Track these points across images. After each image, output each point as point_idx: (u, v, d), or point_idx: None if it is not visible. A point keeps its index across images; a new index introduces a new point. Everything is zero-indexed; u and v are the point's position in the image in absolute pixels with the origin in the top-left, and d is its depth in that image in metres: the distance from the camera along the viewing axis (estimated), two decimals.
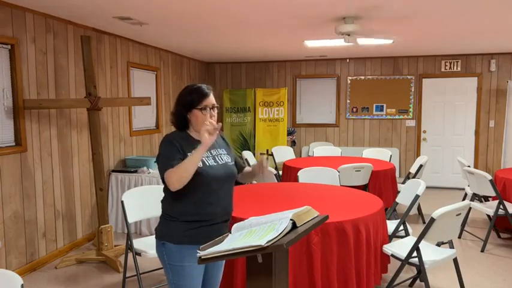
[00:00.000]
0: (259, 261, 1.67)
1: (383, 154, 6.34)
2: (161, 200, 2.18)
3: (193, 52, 7.16)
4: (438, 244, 3.34)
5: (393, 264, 3.19)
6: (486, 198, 5.09)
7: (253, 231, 1.72)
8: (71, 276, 4.00)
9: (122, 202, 3.36)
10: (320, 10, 4.11)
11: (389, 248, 3.09)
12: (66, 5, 3.92)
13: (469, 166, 5.11)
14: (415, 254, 2.95)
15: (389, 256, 3.11)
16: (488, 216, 4.96)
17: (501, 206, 4.49)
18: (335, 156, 6.48)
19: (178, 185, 1.95)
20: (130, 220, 3.34)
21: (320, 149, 6.79)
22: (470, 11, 4.17)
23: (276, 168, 6.11)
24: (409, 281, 3.65)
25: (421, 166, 5.63)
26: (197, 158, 1.97)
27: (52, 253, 4.39)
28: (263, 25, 4.84)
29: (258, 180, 5.06)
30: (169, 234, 2.09)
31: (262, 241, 1.54)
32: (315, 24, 4.76)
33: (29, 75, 4.06)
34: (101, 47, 5.17)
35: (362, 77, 8.03)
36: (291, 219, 1.67)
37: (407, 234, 3.58)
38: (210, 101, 2.12)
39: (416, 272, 3.62)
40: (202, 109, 2.10)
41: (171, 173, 1.95)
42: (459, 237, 4.99)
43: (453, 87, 7.70)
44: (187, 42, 6.05)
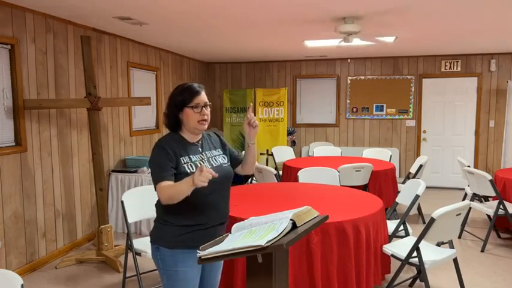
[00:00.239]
0: (259, 261, 1.67)
1: (383, 154, 6.34)
2: (155, 204, 2.14)
3: (193, 52, 7.16)
4: (438, 244, 3.34)
5: (393, 264, 3.19)
6: (486, 198, 5.09)
7: (253, 231, 1.72)
8: (71, 276, 4.00)
9: (122, 202, 3.36)
10: (320, 10, 4.11)
11: (389, 248, 3.09)
12: (66, 5, 3.92)
13: (469, 166, 5.11)
14: (415, 254, 2.95)
15: (389, 256, 3.11)
16: (488, 216, 4.96)
17: (501, 206, 4.49)
18: (335, 156, 6.48)
19: (167, 203, 1.94)
20: (130, 220, 3.34)
21: (320, 149, 6.79)
22: (470, 11, 4.17)
23: (276, 168, 6.11)
24: (409, 281, 3.65)
25: (421, 166, 5.63)
26: (185, 191, 1.87)
27: (52, 253, 4.39)
28: (263, 25, 4.84)
29: (258, 180, 5.07)
30: (163, 238, 2.06)
31: (262, 241, 1.54)
32: (315, 24, 4.76)
33: (29, 75, 4.06)
34: (101, 47, 5.17)
35: (362, 77, 8.03)
36: (291, 219, 1.67)
37: (407, 234, 3.58)
38: (202, 99, 2.07)
39: (416, 272, 3.62)
40: (193, 107, 2.05)
41: (162, 190, 1.92)
42: (459, 237, 4.99)
43: (453, 87, 7.70)
44: (187, 42, 6.05)
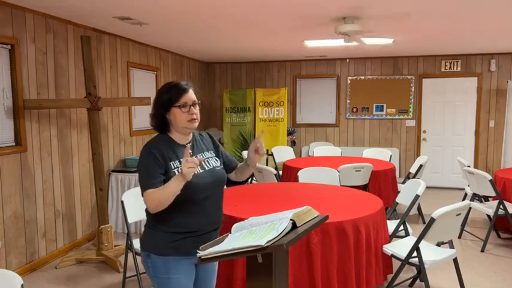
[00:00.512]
0: (259, 261, 1.67)
1: (383, 154, 6.34)
2: (145, 209, 2.03)
3: (193, 52, 7.16)
4: (438, 244, 3.34)
5: (393, 264, 3.19)
6: (486, 198, 5.08)
7: (253, 231, 1.72)
8: (71, 276, 4.00)
9: (122, 202, 3.36)
10: (320, 10, 4.11)
11: (389, 248, 3.09)
12: (66, 5, 3.92)
13: (469, 166, 5.11)
14: (415, 254, 2.95)
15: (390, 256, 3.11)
16: (488, 216, 4.96)
17: (501, 206, 4.49)
18: (335, 156, 6.48)
19: (156, 210, 1.86)
20: (130, 220, 3.34)
21: (320, 149, 6.79)
22: (470, 11, 4.17)
23: (276, 168, 6.11)
24: (409, 281, 3.65)
25: (421, 166, 5.63)
26: (175, 190, 1.82)
27: (52, 253, 4.39)
28: (263, 25, 4.84)
29: (259, 180, 5.06)
30: (153, 245, 1.98)
31: (262, 241, 1.54)
32: (315, 24, 4.76)
33: (29, 75, 4.06)
34: (101, 47, 5.17)
35: (362, 77, 8.03)
36: (291, 219, 1.67)
37: (407, 234, 3.58)
38: (190, 97, 1.96)
39: (416, 272, 3.62)
40: (181, 106, 1.94)
41: (150, 198, 1.85)
42: (459, 237, 4.99)
43: (453, 87, 7.70)
44: (187, 42, 6.05)
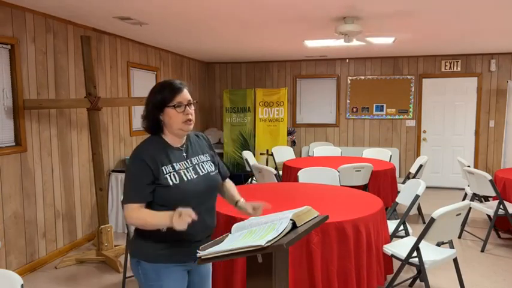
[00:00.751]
0: (259, 261, 1.67)
1: (383, 154, 6.33)
2: None
3: (193, 52, 7.16)
4: (438, 244, 3.34)
5: (393, 264, 3.19)
6: (486, 198, 5.08)
7: (253, 231, 1.72)
8: (71, 276, 3.99)
9: (122, 202, 3.36)
10: (320, 10, 4.11)
11: (389, 248, 3.09)
12: (66, 5, 3.92)
13: (469, 166, 5.11)
14: (415, 254, 2.95)
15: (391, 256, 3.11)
16: (488, 216, 4.96)
17: (501, 206, 4.49)
18: (335, 156, 6.48)
19: (134, 226, 1.83)
20: None
21: (320, 149, 6.79)
22: (470, 11, 4.17)
23: (276, 168, 6.11)
24: (409, 281, 3.65)
25: (421, 166, 5.63)
26: (160, 226, 1.76)
27: (52, 253, 4.38)
28: (263, 25, 4.84)
29: (259, 180, 5.06)
30: (143, 252, 1.88)
31: (262, 241, 1.54)
32: (315, 24, 4.76)
33: (29, 75, 4.06)
34: (101, 47, 5.17)
35: (362, 77, 8.03)
36: (291, 219, 1.67)
37: (407, 234, 3.58)
38: (185, 97, 1.85)
39: (416, 272, 3.62)
40: (176, 106, 1.83)
41: (132, 215, 1.79)
42: (459, 237, 4.99)
43: (453, 87, 7.70)
44: (187, 42, 6.05)
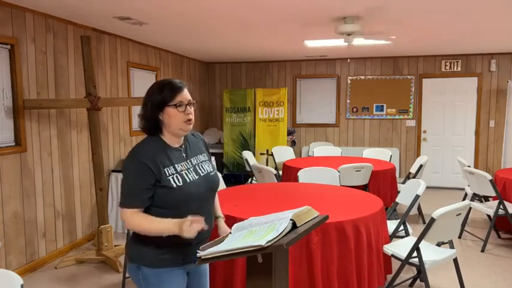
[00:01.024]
0: (259, 261, 1.67)
1: (383, 154, 6.33)
2: None
3: (193, 52, 7.16)
4: (438, 244, 3.33)
5: (393, 264, 3.19)
6: (486, 198, 5.08)
7: (253, 231, 1.71)
8: (71, 276, 3.99)
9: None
10: (320, 10, 4.11)
11: (389, 248, 3.09)
12: (66, 5, 3.91)
13: (469, 166, 5.11)
14: (415, 254, 2.94)
15: (390, 256, 3.11)
16: (488, 216, 4.96)
17: (501, 206, 4.48)
18: (335, 156, 6.47)
19: (131, 230, 1.80)
20: None
21: (320, 149, 6.79)
22: (470, 11, 4.17)
23: (276, 168, 6.11)
24: (409, 281, 3.65)
25: (421, 166, 5.63)
26: (165, 232, 1.72)
27: (52, 253, 4.38)
28: (263, 25, 4.84)
29: (259, 180, 5.06)
30: (144, 257, 1.84)
31: (262, 241, 1.54)
32: (315, 24, 4.76)
33: (29, 75, 4.06)
34: (101, 47, 5.17)
35: (362, 77, 8.03)
36: (291, 219, 1.67)
37: (407, 234, 3.58)
38: (185, 96, 1.82)
39: (416, 272, 3.62)
40: (177, 105, 1.79)
41: (131, 219, 1.75)
42: (459, 237, 4.98)
43: (453, 87, 7.70)
44: (187, 42, 6.05)
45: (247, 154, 6.21)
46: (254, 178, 6.24)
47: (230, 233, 1.85)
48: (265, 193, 3.61)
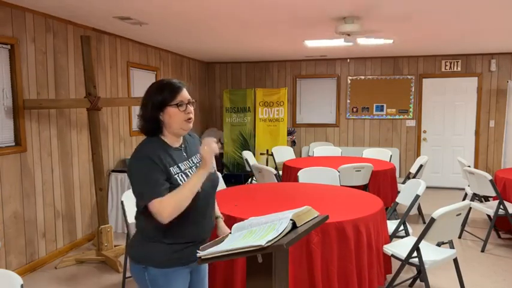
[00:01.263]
0: (259, 261, 1.67)
1: (383, 154, 6.33)
2: (135, 217, 1.90)
3: (193, 52, 7.16)
4: (438, 244, 3.33)
5: (393, 264, 3.19)
6: (486, 198, 5.08)
7: (253, 231, 1.71)
8: (71, 276, 3.99)
9: (122, 202, 3.36)
10: (320, 10, 4.10)
11: (389, 248, 3.09)
12: (66, 5, 3.91)
13: (469, 166, 5.11)
14: (415, 254, 2.94)
15: (389, 256, 3.11)
16: (488, 216, 4.96)
17: (501, 206, 4.48)
18: (335, 156, 6.47)
19: (171, 218, 1.69)
20: (130, 220, 3.34)
21: (320, 149, 6.79)
22: (470, 11, 4.17)
23: (276, 168, 6.11)
24: (410, 281, 3.65)
25: (421, 166, 5.63)
26: (198, 185, 1.73)
27: (52, 253, 4.38)
28: (263, 25, 4.83)
29: (259, 180, 5.06)
30: (151, 257, 1.82)
31: (262, 241, 1.54)
32: (315, 24, 4.76)
33: (29, 75, 4.06)
34: (101, 47, 5.17)
35: (362, 77, 8.03)
36: (291, 219, 1.67)
37: (407, 234, 3.58)
38: (185, 96, 1.84)
39: (416, 272, 3.62)
40: (178, 105, 1.81)
41: (164, 205, 1.68)
42: (459, 237, 4.98)
43: (453, 87, 7.69)
44: (187, 42, 6.05)
45: (247, 154, 6.21)
46: (254, 178, 6.24)
47: (230, 233, 1.85)
48: (265, 193, 3.61)
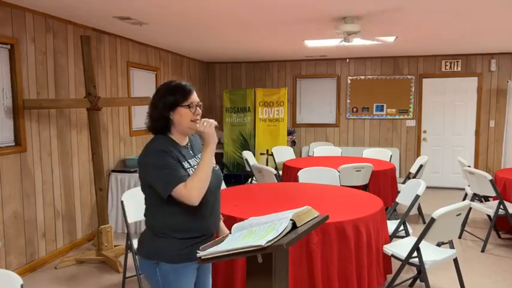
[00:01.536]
0: (259, 261, 1.67)
1: (383, 154, 6.33)
2: (144, 214, 1.97)
3: (193, 52, 7.16)
4: (438, 244, 3.33)
5: (393, 264, 3.19)
6: (486, 198, 5.08)
7: (253, 231, 1.71)
8: (71, 276, 3.99)
9: (122, 202, 3.36)
10: (320, 10, 4.10)
11: (389, 248, 3.09)
12: (66, 5, 3.91)
13: (469, 166, 5.11)
14: (416, 254, 2.94)
15: (390, 256, 3.11)
16: (488, 216, 4.96)
17: (501, 206, 4.48)
18: (335, 156, 6.47)
19: (200, 197, 1.81)
20: (130, 220, 3.34)
21: (320, 149, 6.79)
22: (470, 11, 4.17)
23: (276, 168, 6.11)
24: (410, 281, 3.65)
25: (421, 166, 5.63)
26: (212, 161, 1.86)
27: (52, 253, 4.38)
28: (263, 25, 4.83)
29: (259, 180, 5.06)
30: (163, 253, 1.88)
31: (262, 241, 1.54)
32: (315, 24, 4.76)
33: (29, 75, 4.06)
34: (101, 47, 5.17)
35: (362, 77, 8.03)
36: (291, 219, 1.67)
37: (407, 234, 3.58)
38: (195, 98, 1.94)
39: (416, 272, 3.62)
40: (189, 106, 1.91)
41: (190, 188, 1.79)
42: (459, 237, 4.98)
43: (453, 87, 7.69)
44: (187, 42, 6.05)
45: (247, 154, 6.21)
46: (254, 178, 6.24)
47: (230, 233, 1.85)
48: (265, 193, 3.61)
